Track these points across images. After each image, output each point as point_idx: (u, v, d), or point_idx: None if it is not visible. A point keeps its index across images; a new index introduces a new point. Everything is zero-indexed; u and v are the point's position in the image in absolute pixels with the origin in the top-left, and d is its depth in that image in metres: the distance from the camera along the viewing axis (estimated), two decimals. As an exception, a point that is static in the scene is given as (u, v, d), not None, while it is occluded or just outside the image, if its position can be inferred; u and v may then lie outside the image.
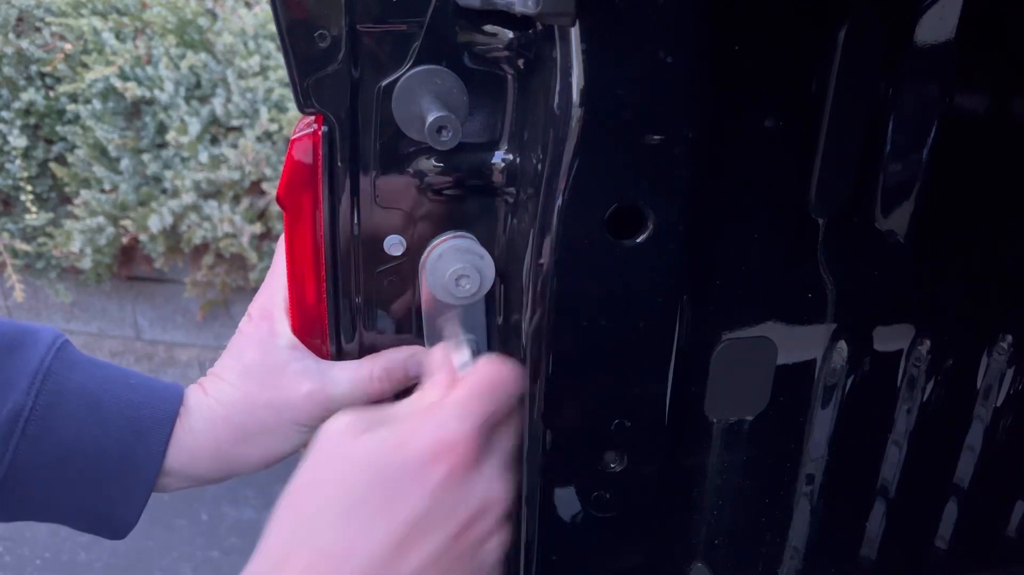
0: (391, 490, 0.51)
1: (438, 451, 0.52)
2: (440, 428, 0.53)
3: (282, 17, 0.56)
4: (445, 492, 0.52)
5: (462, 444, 0.53)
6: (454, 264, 0.65)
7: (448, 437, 0.53)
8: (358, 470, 0.52)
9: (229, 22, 2.53)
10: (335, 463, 0.53)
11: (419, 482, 0.51)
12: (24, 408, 0.63)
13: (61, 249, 2.68)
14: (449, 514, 0.52)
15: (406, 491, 0.51)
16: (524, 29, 0.59)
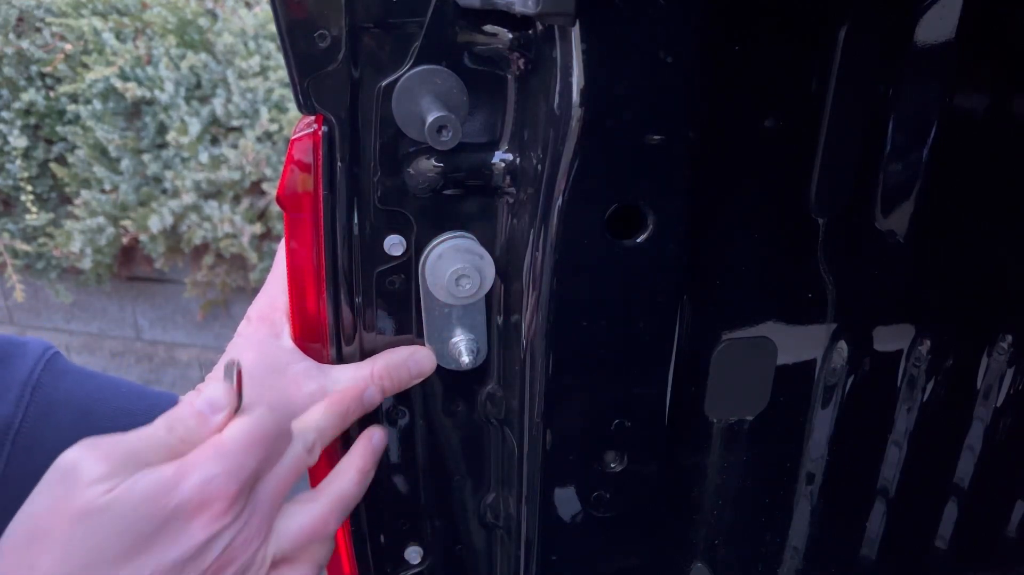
0: (145, 542, 0.48)
1: (202, 502, 0.49)
2: (207, 482, 0.50)
3: (282, 17, 0.56)
4: (202, 546, 0.50)
5: (227, 499, 0.50)
6: (454, 264, 0.65)
7: (215, 491, 0.50)
8: (107, 524, 0.48)
9: (229, 22, 2.53)
10: (70, 518, 0.48)
11: (179, 536, 0.49)
12: (14, 420, 0.62)
13: (61, 249, 2.68)
14: (199, 564, 0.50)
15: (163, 543, 0.49)
16: (524, 29, 0.59)
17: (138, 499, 0.48)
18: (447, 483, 0.77)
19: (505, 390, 0.72)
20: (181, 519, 0.49)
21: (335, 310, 0.68)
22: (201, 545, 0.50)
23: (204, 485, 0.49)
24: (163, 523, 0.48)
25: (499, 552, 0.80)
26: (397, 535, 0.77)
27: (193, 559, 0.50)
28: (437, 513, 0.78)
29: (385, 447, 0.66)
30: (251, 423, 0.53)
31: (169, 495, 0.49)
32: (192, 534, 0.49)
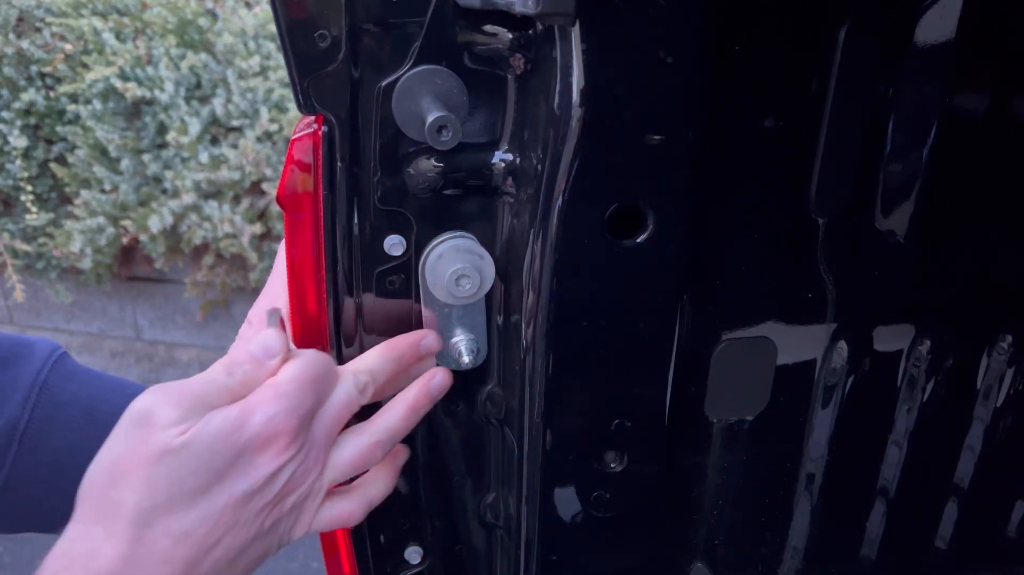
0: (218, 477, 0.53)
1: (268, 438, 0.54)
2: (270, 420, 0.54)
3: (282, 17, 0.56)
4: (269, 477, 0.54)
5: (289, 434, 0.55)
6: (454, 264, 0.65)
7: (278, 427, 0.54)
8: (184, 462, 0.52)
9: (229, 22, 2.53)
10: (149, 457, 0.52)
11: (248, 469, 0.54)
12: (20, 420, 0.63)
13: (61, 249, 2.68)
14: (266, 494, 0.55)
15: (234, 476, 0.53)
16: (524, 29, 0.59)
17: (211, 438, 0.52)
18: (447, 483, 0.77)
19: (505, 390, 0.72)
20: (249, 454, 0.54)
21: (335, 310, 0.68)
22: (268, 477, 0.54)
23: (268, 422, 0.54)
24: (234, 458, 0.53)
25: (499, 552, 0.80)
26: (397, 535, 0.77)
27: (260, 490, 0.54)
28: (437, 513, 0.78)
29: (445, 393, 0.67)
30: (303, 364, 0.58)
31: (237, 433, 0.53)
32: (259, 467, 0.54)
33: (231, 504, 0.53)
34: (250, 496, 0.54)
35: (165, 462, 0.51)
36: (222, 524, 0.53)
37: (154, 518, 0.51)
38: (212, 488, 0.52)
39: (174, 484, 0.52)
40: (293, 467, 0.56)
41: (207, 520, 0.52)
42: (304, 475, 0.57)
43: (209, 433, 0.53)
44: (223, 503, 0.53)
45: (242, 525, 0.54)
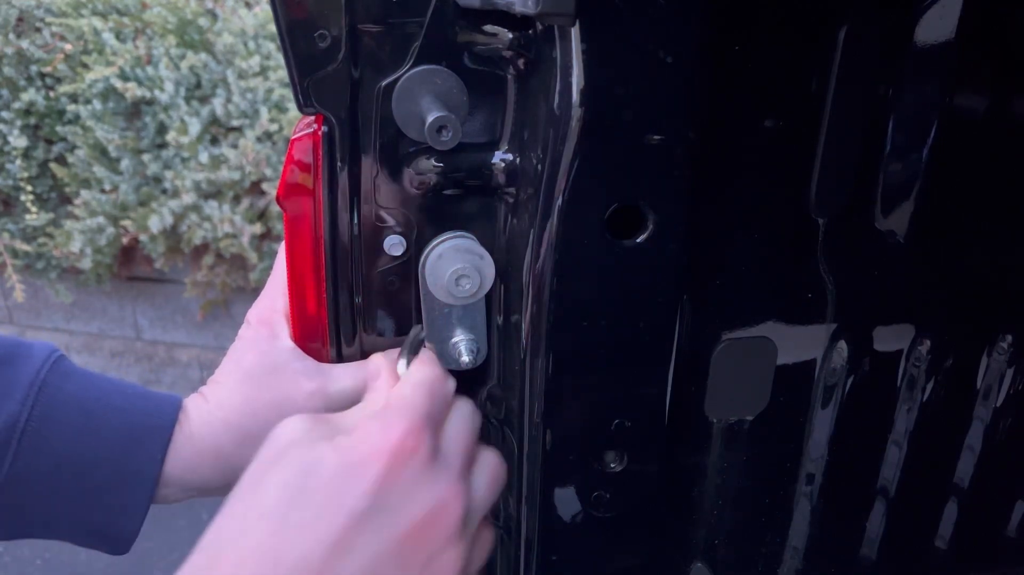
0: (331, 491, 0.49)
1: (380, 448, 0.50)
2: (385, 428, 0.51)
3: (282, 17, 0.56)
4: (387, 490, 0.49)
5: (405, 439, 0.51)
6: (454, 264, 0.65)
7: (391, 434, 0.51)
8: (300, 473, 0.50)
9: (229, 22, 2.53)
10: (279, 467, 0.51)
11: (358, 480, 0.49)
12: (19, 419, 0.62)
13: (61, 249, 2.68)
14: (394, 514, 0.50)
15: (345, 490, 0.49)
16: (524, 29, 0.59)
17: (334, 453, 0.50)
18: (447, 483, 0.77)
19: (505, 390, 0.72)
20: (368, 461, 0.50)
21: (335, 310, 0.68)
22: (388, 483, 0.50)
23: (383, 430, 0.51)
24: (350, 470, 0.50)
25: (499, 552, 0.80)
26: (397, 535, 0.77)
27: (372, 508, 0.49)
28: (437, 513, 0.77)
29: None
30: (415, 373, 0.57)
31: (354, 448, 0.50)
32: (375, 472, 0.50)
33: (351, 518, 0.49)
34: (363, 509, 0.49)
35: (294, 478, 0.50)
36: (340, 550, 0.48)
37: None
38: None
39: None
40: (433, 479, 0.52)
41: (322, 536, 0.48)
42: (450, 493, 0.52)
43: (332, 435, 0.52)
44: (341, 518, 0.48)
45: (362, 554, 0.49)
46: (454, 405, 0.59)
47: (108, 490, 0.66)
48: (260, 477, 0.52)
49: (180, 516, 2.40)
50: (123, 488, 0.66)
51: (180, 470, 0.68)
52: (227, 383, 0.69)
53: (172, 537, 2.36)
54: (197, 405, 0.69)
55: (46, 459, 0.63)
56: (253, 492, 0.51)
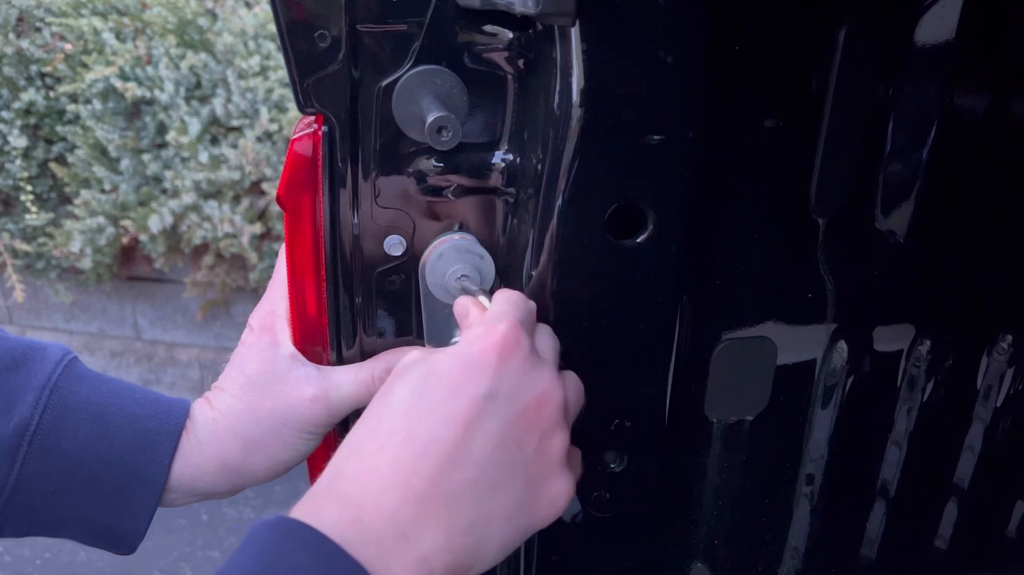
0: (452, 382, 0.53)
1: (491, 348, 0.54)
2: (490, 332, 0.55)
3: (282, 17, 0.56)
4: (500, 377, 0.54)
5: (508, 336, 0.55)
6: (454, 264, 0.65)
7: (497, 336, 0.55)
8: (423, 374, 0.54)
9: (229, 22, 2.53)
10: (404, 377, 0.55)
11: (475, 371, 0.54)
12: (31, 422, 0.63)
13: (61, 249, 2.68)
14: (508, 398, 0.54)
15: (465, 380, 0.53)
16: (524, 29, 0.59)
17: (453, 358, 0.55)
18: (447, 483, 0.76)
19: (505, 390, 0.72)
20: (485, 355, 0.54)
21: (335, 311, 0.68)
22: (504, 371, 0.54)
23: (489, 334, 0.55)
24: (470, 363, 0.54)
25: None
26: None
27: (491, 392, 0.54)
28: (437, 513, 0.77)
29: None
30: (501, 295, 0.61)
31: (468, 351, 0.55)
32: (492, 362, 0.54)
33: (472, 405, 0.53)
34: (484, 394, 0.53)
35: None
36: (465, 440, 0.52)
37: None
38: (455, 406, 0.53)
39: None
40: (533, 371, 0.56)
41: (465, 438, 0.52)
42: (551, 385, 0.56)
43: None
44: (468, 406, 0.53)
45: (482, 434, 0.53)
46: (538, 325, 0.63)
47: (116, 492, 0.66)
48: (388, 389, 0.55)
49: (180, 516, 2.40)
50: (131, 491, 0.66)
51: (187, 476, 0.68)
52: (231, 390, 0.69)
53: (172, 536, 2.36)
54: (203, 412, 0.70)
55: (56, 461, 0.64)
56: (383, 400, 0.55)
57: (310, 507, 0.50)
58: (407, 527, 0.50)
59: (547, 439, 0.55)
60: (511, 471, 0.54)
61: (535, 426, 0.55)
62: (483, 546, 0.53)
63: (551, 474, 0.56)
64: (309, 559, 0.47)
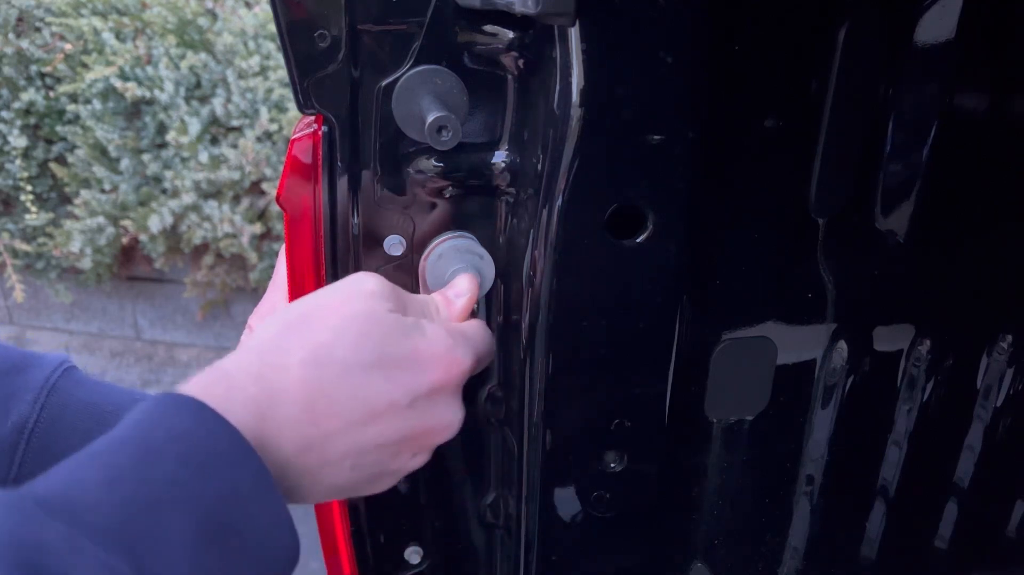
0: (399, 367, 0.54)
1: (445, 366, 0.56)
2: (452, 350, 0.56)
3: (282, 17, 0.56)
4: (432, 397, 0.55)
5: (460, 374, 0.57)
6: (454, 264, 0.65)
7: (456, 361, 0.56)
8: (382, 336, 0.54)
9: (229, 22, 2.53)
10: (361, 318, 0.54)
11: (421, 374, 0.55)
12: (29, 420, 0.64)
13: (61, 249, 2.68)
14: (422, 416, 0.55)
15: (409, 375, 0.54)
16: (524, 29, 0.59)
17: (408, 329, 0.55)
18: (447, 483, 0.77)
19: (505, 390, 0.72)
20: (424, 365, 0.55)
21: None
22: (426, 393, 0.55)
23: (453, 347, 0.56)
24: (413, 360, 0.55)
25: (499, 552, 0.80)
26: (397, 535, 0.77)
27: (415, 402, 0.55)
28: (437, 513, 0.78)
29: None
30: (488, 337, 0.62)
31: (425, 341, 0.56)
32: (426, 380, 0.55)
33: (393, 400, 0.54)
34: (408, 400, 0.54)
35: (361, 322, 0.54)
36: (374, 415, 0.53)
37: (326, 362, 0.52)
38: (383, 371, 0.53)
39: (356, 345, 0.53)
40: (443, 404, 0.57)
41: (368, 396, 0.53)
42: (441, 419, 0.58)
43: (410, 325, 0.55)
44: (383, 391, 0.53)
45: (385, 428, 0.54)
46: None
47: None
48: (342, 318, 0.54)
49: (180, 516, 2.40)
50: None
51: None
52: None
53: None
54: None
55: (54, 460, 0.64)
56: (336, 335, 0.53)
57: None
58: (265, 407, 0.50)
59: (414, 456, 0.58)
60: (375, 461, 0.55)
61: (418, 444, 0.57)
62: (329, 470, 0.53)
63: (397, 471, 0.58)
64: (182, 422, 0.46)
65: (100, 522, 0.41)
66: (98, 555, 0.40)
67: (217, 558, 0.44)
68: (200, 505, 0.44)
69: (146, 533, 0.42)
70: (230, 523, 0.45)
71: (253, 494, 0.47)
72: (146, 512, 0.43)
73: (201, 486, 0.45)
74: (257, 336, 0.55)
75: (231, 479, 0.46)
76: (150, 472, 0.44)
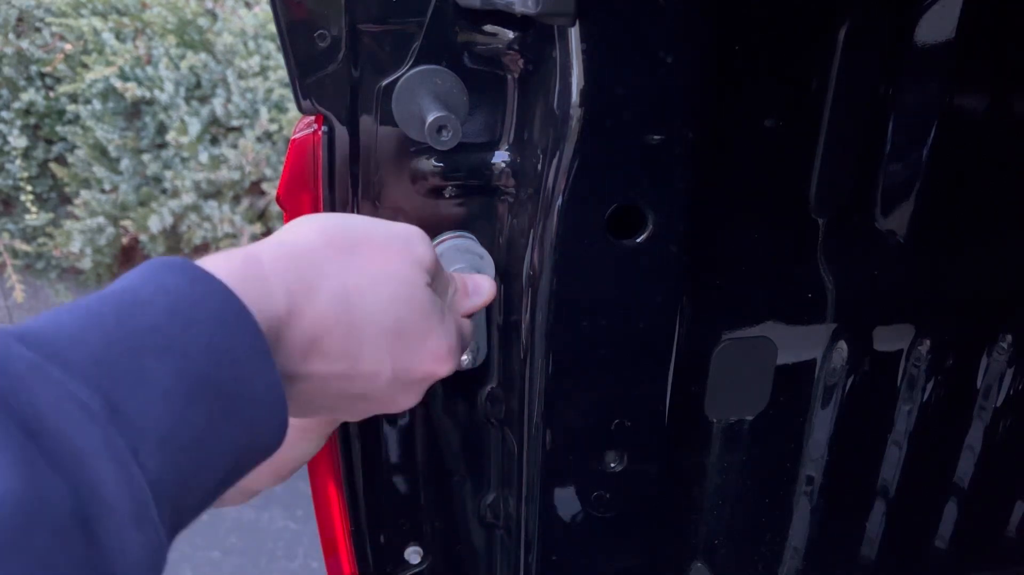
0: (406, 345, 0.55)
1: (439, 362, 0.56)
2: (452, 352, 0.57)
3: (282, 17, 0.56)
4: (411, 382, 0.57)
5: (445, 374, 0.57)
6: (454, 264, 0.65)
7: (449, 363, 0.57)
8: (410, 310, 0.54)
9: (229, 22, 2.53)
10: (400, 282, 0.54)
11: (419, 361, 0.56)
12: None
13: (61, 249, 2.69)
14: (390, 393, 0.56)
15: (409, 356, 0.55)
16: (524, 29, 0.59)
17: (432, 313, 0.56)
18: (447, 483, 0.77)
19: (505, 390, 0.72)
20: (424, 353, 0.56)
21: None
22: (407, 378, 0.56)
23: (452, 350, 0.57)
24: (421, 345, 0.55)
25: (499, 552, 0.80)
26: (397, 535, 0.77)
27: (394, 381, 0.55)
28: (437, 513, 0.78)
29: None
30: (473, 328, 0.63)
31: (438, 331, 0.56)
32: (419, 368, 0.56)
33: (383, 371, 0.54)
34: (393, 377, 0.55)
35: (404, 286, 0.54)
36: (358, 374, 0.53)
37: (354, 306, 0.52)
38: (393, 340, 0.54)
39: (385, 308, 0.53)
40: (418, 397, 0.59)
41: (364, 355, 0.53)
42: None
43: (438, 313, 0.56)
44: (382, 361, 0.54)
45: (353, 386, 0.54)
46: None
47: None
48: (356, 252, 0.54)
49: (180, 516, 2.40)
50: None
51: None
52: None
53: (172, 537, 2.36)
54: None
55: None
56: (345, 261, 0.53)
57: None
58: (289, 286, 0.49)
59: (348, 415, 0.60)
60: (325, 406, 0.56)
61: (363, 410, 0.58)
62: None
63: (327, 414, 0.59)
64: (174, 278, 0.44)
65: (74, 357, 0.39)
66: (67, 385, 0.37)
67: (203, 414, 0.42)
68: (186, 356, 0.42)
69: (124, 373, 0.40)
70: (219, 381, 0.43)
71: (247, 356, 0.45)
72: (126, 354, 0.40)
73: (188, 337, 0.42)
74: (297, 237, 0.53)
75: (223, 336, 0.44)
76: (133, 320, 0.41)
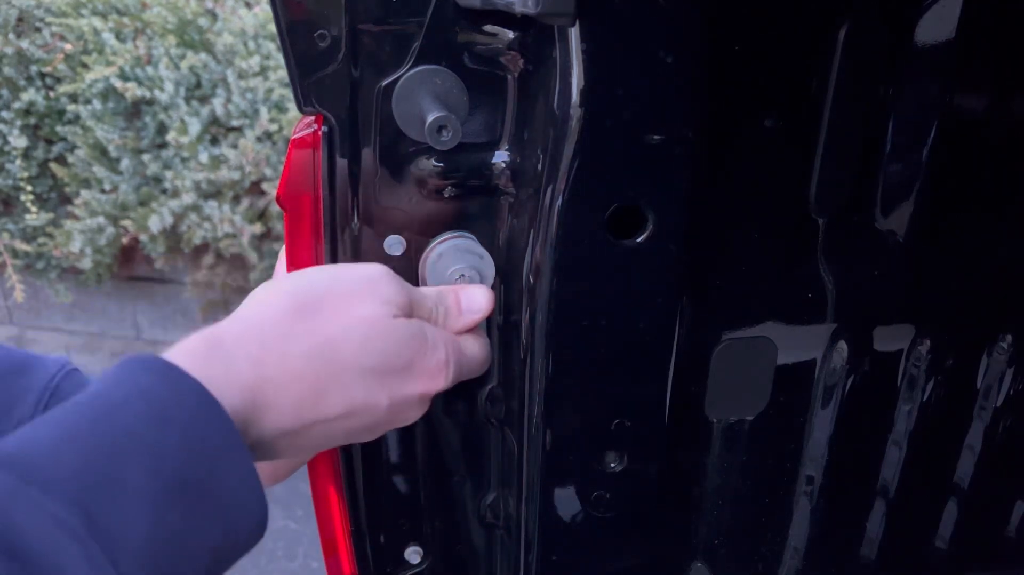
0: (392, 374, 0.56)
1: (431, 377, 0.58)
2: (444, 367, 0.58)
3: (282, 17, 0.56)
4: (409, 401, 0.58)
5: (443, 387, 0.59)
6: (454, 264, 0.65)
7: (444, 376, 0.58)
8: (385, 344, 0.55)
9: (229, 22, 2.53)
10: (370, 322, 0.55)
11: (411, 383, 0.57)
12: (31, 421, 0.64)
13: (61, 249, 2.68)
14: (391, 414, 0.57)
15: (399, 382, 0.56)
16: (524, 29, 0.59)
17: (409, 338, 0.56)
18: (447, 483, 0.77)
19: (505, 390, 0.72)
20: (415, 375, 0.57)
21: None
22: (405, 399, 0.57)
23: (446, 363, 0.58)
24: (407, 369, 0.56)
25: (499, 552, 0.80)
26: (397, 535, 0.77)
27: (392, 405, 0.57)
28: (437, 513, 0.78)
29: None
30: (485, 350, 0.64)
31: (423, 352, 0.57)
32: (412, 389, 0.57)
33: (377, 402, 0.55)
34: (398, 407, 0.57)
35: (363, 328, 0.54)
36: (355, 412, 0.54)
37: (329, 359, 0.53)
38: (373, 377, 0.54)
39: (351, 351, 0.54)
40: (423, 409, 0.60)
41: (355, 395, 0.54)
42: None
43: (416, 335, 0.56)
44: (374, 395, 0.55)
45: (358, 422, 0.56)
46: None
47: None
48: (325, 306, 0.55)
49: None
50: None
51: None
52: None
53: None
54: None
55: None
56: (307, 316, 0.54)
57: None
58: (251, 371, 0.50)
59: (363, 438, 0.60)
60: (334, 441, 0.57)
61: (374, 433, 0.59)
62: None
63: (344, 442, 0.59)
64: (147, 378, 0.45)
65: (51, 475, 0.40)
66: (45, 506, 0.38)
67: (181, 516, 0.43)
68: (161, 456, 0.43)
69: (100, 484, 0.40)
70: (195, 479, 0.44)
71: (220, 451, 0.45)
72: (101, 463, 0.41)
73: (162, 438, 0.43)
74: (260, 309, 0.54)
75: (197, 434, 0.44)
76: (108, 427, 0.42)
